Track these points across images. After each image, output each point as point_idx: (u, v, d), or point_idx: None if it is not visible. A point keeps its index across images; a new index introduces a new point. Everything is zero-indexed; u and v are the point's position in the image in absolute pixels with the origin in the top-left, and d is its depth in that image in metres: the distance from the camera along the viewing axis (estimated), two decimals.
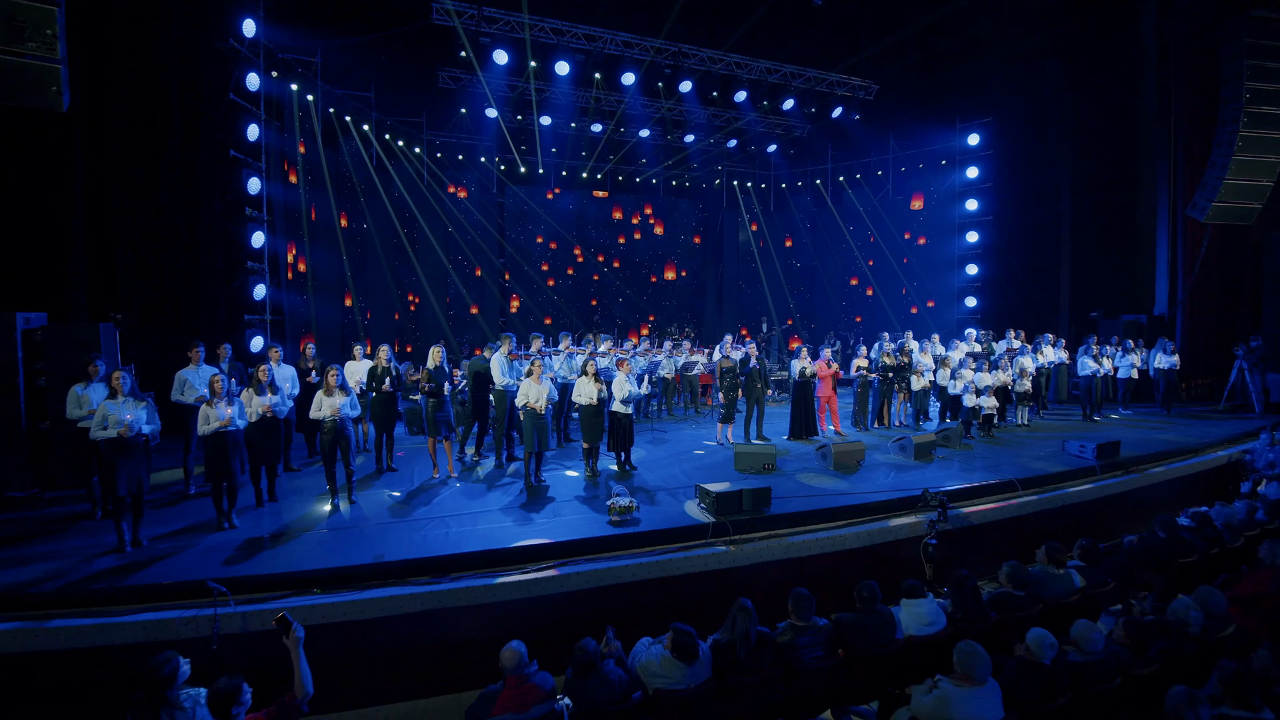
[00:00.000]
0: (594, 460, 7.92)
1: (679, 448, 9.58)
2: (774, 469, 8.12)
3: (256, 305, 11.45)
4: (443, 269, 17.12)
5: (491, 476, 7.98)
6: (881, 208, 19.42)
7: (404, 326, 17.12)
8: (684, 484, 7.55)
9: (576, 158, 18.83)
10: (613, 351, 11.09)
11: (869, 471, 8.33)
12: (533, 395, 7.34)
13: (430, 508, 6.75)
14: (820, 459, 8.51)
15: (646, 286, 20.71)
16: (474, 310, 17.78)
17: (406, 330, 17.05)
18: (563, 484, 7.58)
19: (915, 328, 18.79)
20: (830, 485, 7.66)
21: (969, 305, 18.15)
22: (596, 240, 20.07)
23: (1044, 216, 18.15)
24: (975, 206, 17.91)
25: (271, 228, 11.91)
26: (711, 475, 7.95)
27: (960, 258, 18.28)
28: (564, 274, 19.58)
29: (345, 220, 14.78)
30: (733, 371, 9.60)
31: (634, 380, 8.03)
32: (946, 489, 7.63)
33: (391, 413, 8.08)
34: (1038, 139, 17.52)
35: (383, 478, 7.91)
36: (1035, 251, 18.23)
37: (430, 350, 7.78)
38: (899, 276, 19.11)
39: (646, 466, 8.41)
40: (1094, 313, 16.80)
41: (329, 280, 13.68)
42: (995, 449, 9.75)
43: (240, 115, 11.13)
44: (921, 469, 8.53)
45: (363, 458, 8.58)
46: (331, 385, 6.72)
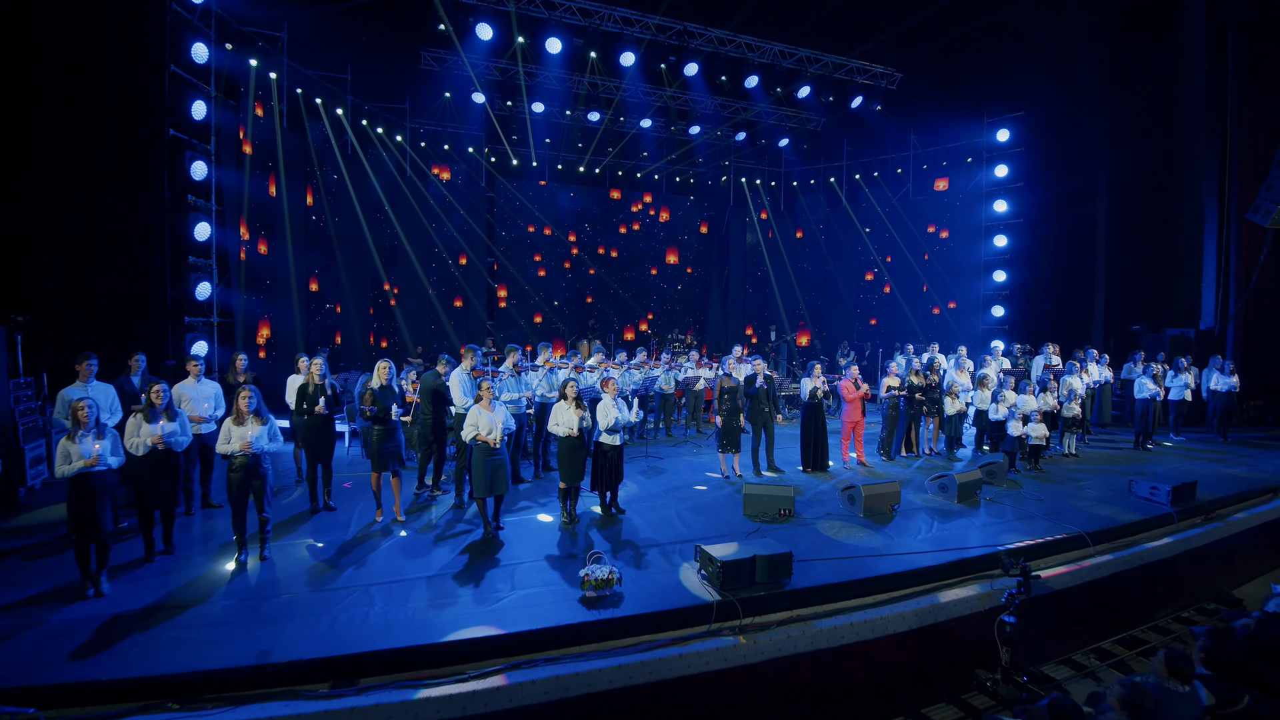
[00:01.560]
0: (572, 503, 6.51)
1: (677, 480, 8.17)
2: (791, 514, 6.70)
3: (201, 306, 10.08)
4: (425, 267, 15.75)
5: (446, 520, 6.56)
6: (901, 208, 17.99)
7: (380, 330, 15.73)
8: (681, 536, 6.13)
9: (572, 150, 17.45)
10: (603, 365, 9.68)
11: (906, 519, 6.90)
12: (483, 426, 5.93)
13: (359, 569, 5.34)
14: (847, 502, 7.08)
15: (645, 283, 19.29)
16: (458, 303, 16.38)
17: (382, 335, 15.66)
18: (530, 534, 6.17)
19: (938, 334, 17.39)
20: (862, 540, 6.23)
21: (996, 315, 16.69)
22: (592, 237, 18.68)
23: (1078, 219, 16.72)
24: (1004, 208, 16.47)
25: (220, 218, 10.54)
26: (714, 521, 6.53)
27: (987, 263, 16.83)
28: (557, 269, 18.18)
29: (313, 213, 13.41)
30: (734, 393, 8.17)
31: (622, 404, 6.62)
32: (1006, 545, 6.22)
33: (326, 439, 6.69)
34: (1073, 135, 16.07)
35: (314, 520, 6.50)
36: (1068, 257, 16.78)
37: (376, 366, 6.38)
38: (919, 276, 17.69)
39: (637, 507, 7.00)
40: (1136, 325, 15.35)
41: (291, 279, 12.31)
42: (1047, 487, 8.31)
43: (184, 91, 9.78)
44: (968, 515, 7.10)
45: (300, 490, 7.19)
46: (243, 411, 5.33)
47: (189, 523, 6.48)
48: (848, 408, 8.78)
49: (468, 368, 7.12)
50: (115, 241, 9.36)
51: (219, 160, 10.50)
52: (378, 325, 15.47)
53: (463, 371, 7.08)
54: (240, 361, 7.62)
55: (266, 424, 5.41)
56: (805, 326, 19.03)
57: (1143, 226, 16.09)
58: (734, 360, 8.99)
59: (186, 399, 6.62)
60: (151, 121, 9.61)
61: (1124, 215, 16.38)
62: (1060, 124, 16.14)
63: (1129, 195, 16.22)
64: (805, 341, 18.45)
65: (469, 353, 7.15)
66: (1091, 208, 16.83)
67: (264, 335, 12.09)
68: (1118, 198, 16.61)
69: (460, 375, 7.05)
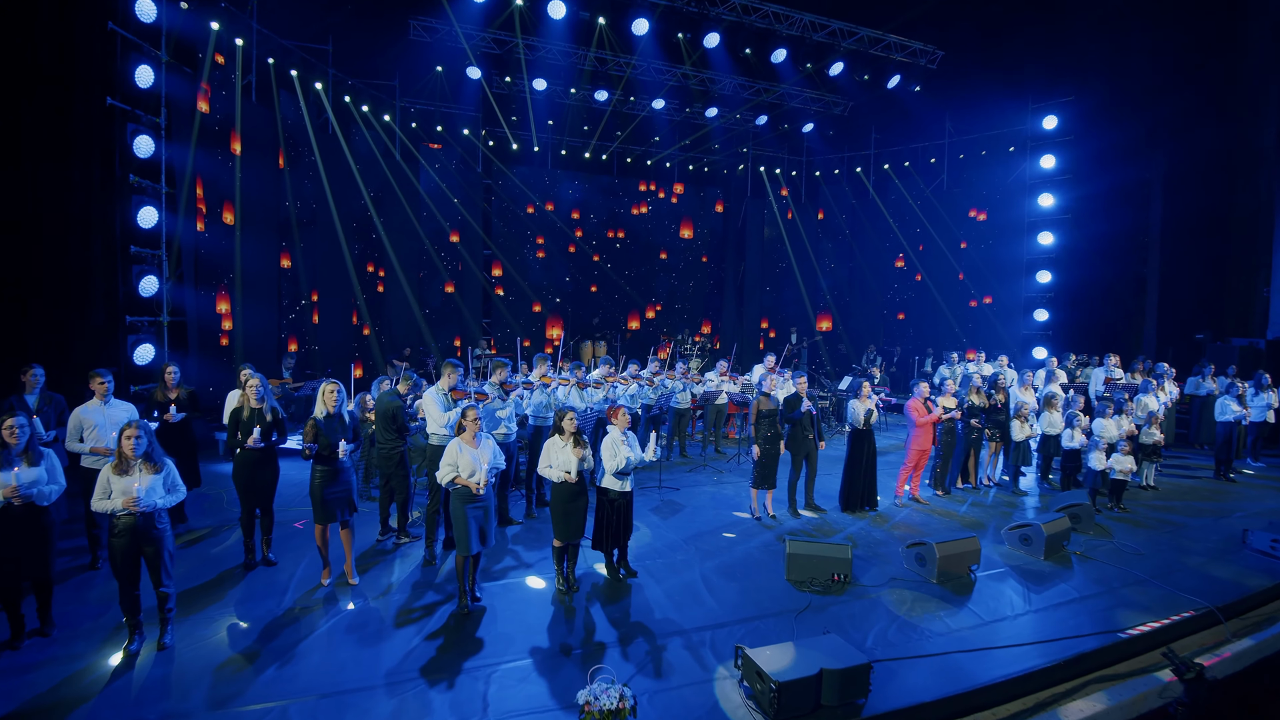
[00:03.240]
0: (569, 564, 5.14)
1: (698, 522, 6.79)
2: (848, 581, 5.32)
3: (146, 303, 8.71)
4: (415, 261, 14.38)
5: (412, 583, 5.20)
6: (937, 201, 16.51)
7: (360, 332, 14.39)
8: (712, 617, 4.75)
9: (577, 133, 16.01)
10: (610, 380, 8.29)
11: (989, 585, 5.52)
12: (464, 466, 4.57)
13: (284, 666, 3.98)
14: (914, 563, 5.69)
15: (653, 276, 17.88)
16: (449, 288, 14.96)
17: (368, 338, 14.30)
18: (516, 609, 4.79)
19: (977, 333, 15.92)
20: (944, 620, 4.85)
21: (1039, 320, 15.21)
22: (597, 227, 17.27)
23: (1130, 216, 15.23)
24: (1051, 203, 14.95)
25: (172, 203, 9.17)
26: (751, 590, 5.16)
27: (1030, 263, 15.34)
28: (559, 261, 16.77)
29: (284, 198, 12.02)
30: (772, 418, 6.79)
31: (634, 440, 5.24)
32: (1128, 629, 4.84)
33: (264, 478, 5.33)
34: (1126, 121, 14.55)
35: (246, 580, 5.14)
36: (1118, 258, 15.30)
37: (320, 390, 5.00)
38: (953, 267, 16.21)
39: (651, 565, 5.62)
40: (1200, 335, 13.88)
41: (259, 273, 10.94)
42: (1141, 535, 6.91)
43: (126, 53, 8.38)
44: (1062, 578, 5.71)
45: (236, 535, 5.84)
46: (126, 455, 3.97)
47: (91, 581, 5.14)
48: (916, 434, 7.38)
49: (446, 387, 5.76)
50: (45, 230, 8.02)
51: (170, 136, 9.11)
52: (359, 326, 14.13)
53: (439, 392, 5.72)
54: (170, 374, 6.26)
55: (161, 471, 4.05)
56: (828, 311, 17.50)
57: (1201, 224, 14.61)
58: (770, 375, 7.54)
59: (90, 427, 5.27)
60: (87, 89, 8.25)
61: (1180, 211, 14.90)
62: (1113, 110, 14.61)
63: (1187, 188, 14.74)
64: (827, 327, 16.93)
65: (449, 370, 5.77)
66: (1145, 203, 15.36)
67: (226, 338, 10.75)
68: (1175, 190, 15.13)
69: (437, 396, 5.69)
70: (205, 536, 6.04)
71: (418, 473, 7.08)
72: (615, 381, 8.40)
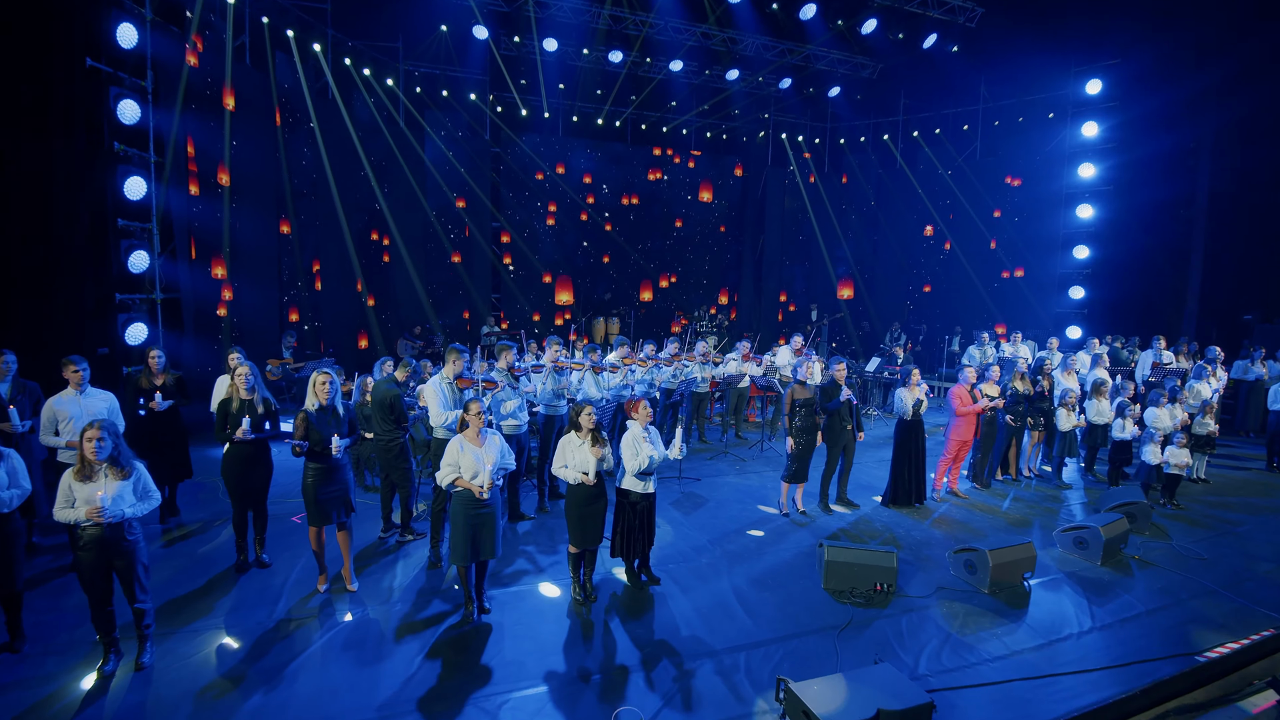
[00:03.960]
0: (586, 571, 4.70)
1: (723, 519, 6.33)
2: (893, 591, 4.85)
3: (137, 280, 8.26)
4: (420, 233, 13.81)
5: (417, 589, 4.78)
6: (969, 170, 15.64)
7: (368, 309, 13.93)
8: (746, 636, 4.30)
9: (590, 98, 15.21)
10: (628, 362, 7.78)
11: (1045, 594, 5.04)
12: (466, 467, 4.11)
13: (272, 692, 3.59)
14: (963, 570, 5.20)
15: (667, 247, 17.22)
16: (456, 258, 14.42)
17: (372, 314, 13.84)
18: (528, 622, 4.37)
19: (1009, 307, 15.16)
20: (1000, 637, 4.37)
21: (1074, 297, 14.42)
22: (611, 196, 16.58)
23: (1174, 186, 14.35)
24: (1092, 173, 14.04)
25: (161, 174, 8.64)
26: (787, 603, 4.70)
27: (1067, 237, 14.50)
28: (571, 231, 16.13)
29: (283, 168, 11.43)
30: (809, 406, 6.26)
31: (656, 436, 4.74)
32: (1205, 651, 4.35)
33: (257, 476, 4.91)
34: (1177, 84, 13.56)
35: (238, 586, 4.75)
36: (1160, 231, 14.47)
37: (311, 381, 4.52)
38: (984, 236, 15.43)
39: (675, 571, 5.18)
40: (1248, 315, 13.11)
41: (256, 247, 10.43)
42: (1199, 535, 6.39)
43: (106, 10, 7.78)
44: (1123, 587, 5.21)
45: (229, 532, 5.44)
46: (90, 460, 3.52)
47: (71, 585, 4.77)
48: (958, 424, 6.84)
49: (450, 375, 5.27)
50: (24, 203, 7.54)
51: (158, 101, 8.54)
52: (363, 300, 13.67)
53: (443, 381, 5.23)
54: (154, 359, 5.81)
55: (130, 476, 3.61)
56: (849, 278, 16.75)
57: (1249, 195, 13.73)
58: (805, 357, 6.91)
59: (65, 419, 4.86)
60: (67, 50, 7.67)
61: (1228, 182, 14.00)
62: (1162, 72, 13.61)
63: (1235, 156, 13.83)
64: (849, 294, 16.21)
65: (454, 357, 5.28)
66: (1191, 172, 14.45)
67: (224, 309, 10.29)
68: (1222, 159, 14.20)
69: (440, 386, 5.20)
70: (195, 532, 5.66)
71: (421, 464, 6.66)
72: (632, 364, 7.89)
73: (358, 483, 6.92)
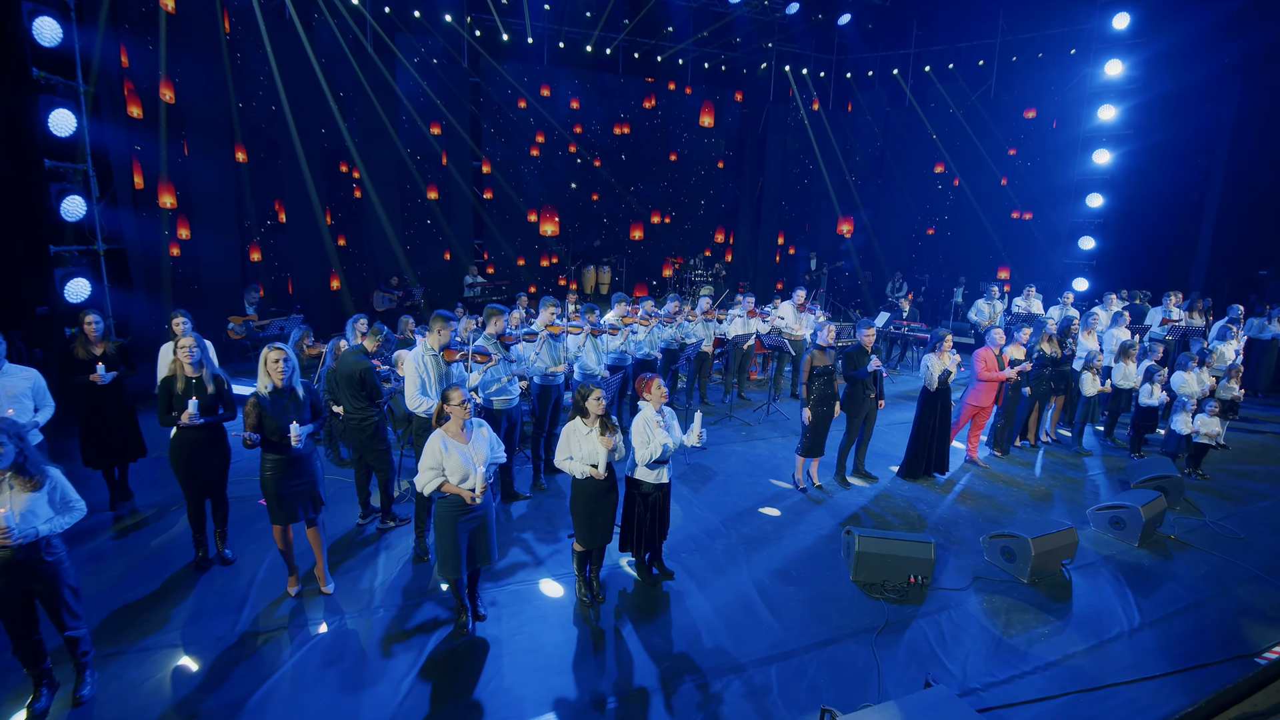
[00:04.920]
0: (593, 569, 4.21)
1: (734, 495, 5.86)
2: (930, 581, 4.45)
3: (74, 230, 7.32)
4: (394, 173, 12.70)
5: (401, 588, 4.27)
6: (982, 108, 14.71)
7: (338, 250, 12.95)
8: (776, 645, 3.86)
9: (578, 21, 13.83)
10: (627, 320, 7.12)
11: (1084, 581, 4.68)
12: (453, 469, 3.51)
13: None
14: (1000, 557, 4.80)
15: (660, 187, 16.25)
16: (432, 193, 13.42)
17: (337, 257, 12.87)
18: (530, 630, 3.89)
19: (1019, 251, 14.59)
20: (1048, 637, 4.00)
21: (1084, 248, 13.85)
22: (599, 131, 15.45)
23: (1196, 130, 13.61)
24: (1112, 116, 13.19)
25: (95, 105, 7.54)
26: (815, 600, 4.27)
27: (1080, 184, 13.80)
28: (557, 166, 15.05)
29: (238, 99, 10.22)
30: (829, 375, 5.71)
31: (672, 419, 4.17)
32: (1266, 649, 4.03)
33: (211, 464, 4.28)
34: (1210, 7, 12.60)
35: (197, 588, 4.19)
36: (1178, 178, 13.83)
37: (262, 359, 3.81)
38: (995, 174, 14.70)
39: (689, 562, 4.71)
40: (1264, 270, 12.68)
41: (211, 191, 9.36)
42: (1230, 510, 6.10)
43: None
44: (1165, 572, 4.88)
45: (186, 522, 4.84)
46: None
47: None
48: (977, 389, 6.36)
49: (436, 346, 4.57)
50: None
51: (83, 18, 7.34)
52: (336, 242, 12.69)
53: (426, 352, 4.54)
54: (91, 325, 5.04)
55: (43, 486, 2.96)
56: (850, 216, 15.94)
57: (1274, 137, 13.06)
58: (809, 312, 6.17)
59: None
60: None
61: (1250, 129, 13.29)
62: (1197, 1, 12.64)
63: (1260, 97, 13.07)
64: (848, 231, 15.45)
65: (439, 325, 4.55)
66: (1212, 118, 13.69)
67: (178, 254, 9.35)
68: (1247, 100, 13.44)
69: (422, 359, 4.51)
70: (151, 519, 5.06)
71: (401, 439, 6.05)
72: (633, 323, 7.24)
73: (332, 456, 6.31)
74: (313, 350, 6.36)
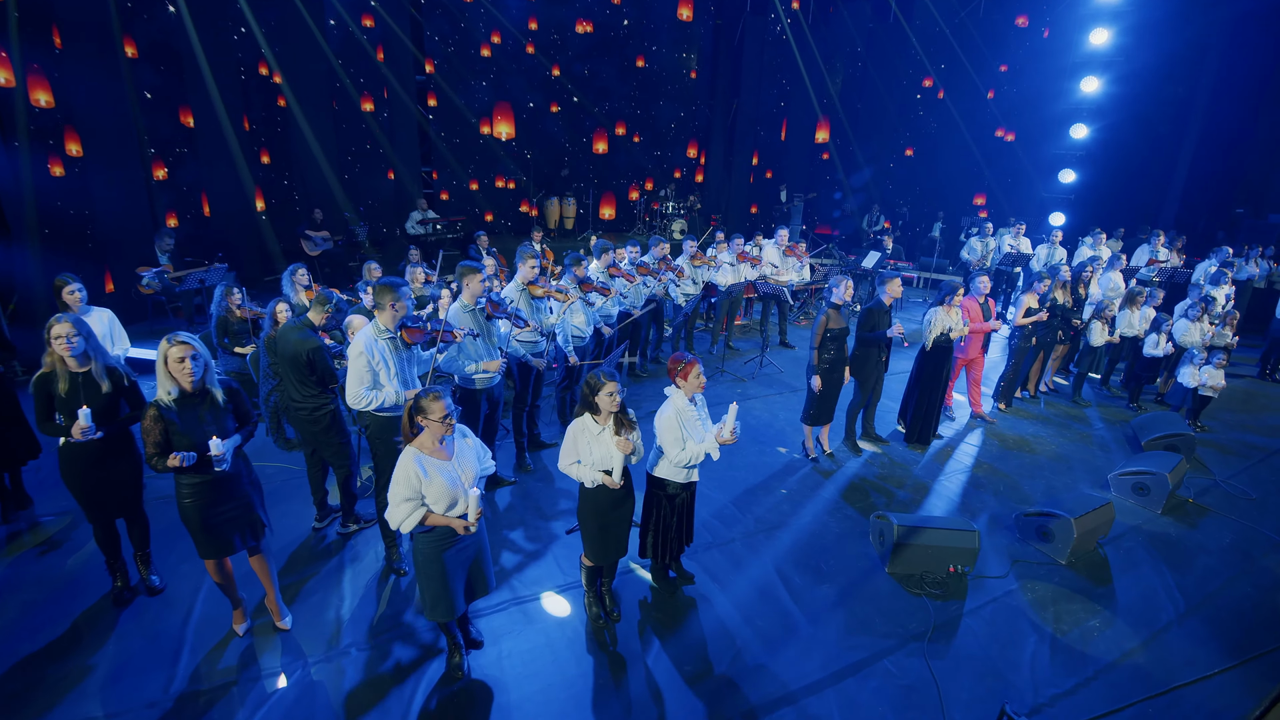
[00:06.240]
0: (605, 583, 3.62)
1: (741, 469, 5.33)
2: (970, 568, 4.08)
3: None
4: (325, 95, 10.98)
5: (372, 621, 3.58)
6: (972, 25, 13.76)
7: (263, 158, 11.33)
8: (816, 660, 3.41)
9: None
10: (612, 272, 6.28)
11: (1121, 561, 4.42)
12: (435, 495, 2.74)
13: None
14: (1036, 536, 4.47)
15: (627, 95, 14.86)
16: (367, 106, 11.85)
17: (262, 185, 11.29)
18: (538, 670, 3.29)
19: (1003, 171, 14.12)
20: (1100, 631, 3.70)
21: (1064, 181, 13.47)
22: (558, 38, 13.80)
23: (1181, 50, 13.06)
24: (1106, 40, 12.51)
25: None
26: (846, 590, 3.84)
27: (1065, 114, 13.25)
28: (514, 68, 13.46)
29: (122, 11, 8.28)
30: (841, 341, 5.13)
31: (702, 408, 3.51)
32: None
33: (116, 474, 3.39)
34: None
35: (117, 631, 3.39)
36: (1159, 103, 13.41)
37: (161, 353, 2.83)
38: (981, 97, 14.06)
39: (706, 562, 4.17)
40: (1239, 209, 12.60)
41: (100, 116, 7.64)
42: (1235, 464, 6.03)
43: None
44: (1194, 543, 4.69)
45: None
46: None
47: None
48: (967, 340, 5.96)
49: (391, 325, 3.61)
50: None
51: None
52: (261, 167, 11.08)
53: (379, 335, 3.57)
54: None
55: None
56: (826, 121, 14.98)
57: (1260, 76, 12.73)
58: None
59: None
60: None
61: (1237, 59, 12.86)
62: None
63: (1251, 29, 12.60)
64: (824, 137, 14.51)
65: (388, 295, 3.55)
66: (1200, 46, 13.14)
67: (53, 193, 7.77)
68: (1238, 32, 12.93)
69: (372, 343, 3.51)
70: (56, 536, 4.15)
71: None
72: (616, 274, 6.41)
73: (276, 438, 5.39)
74: (243, 314, 5.32)
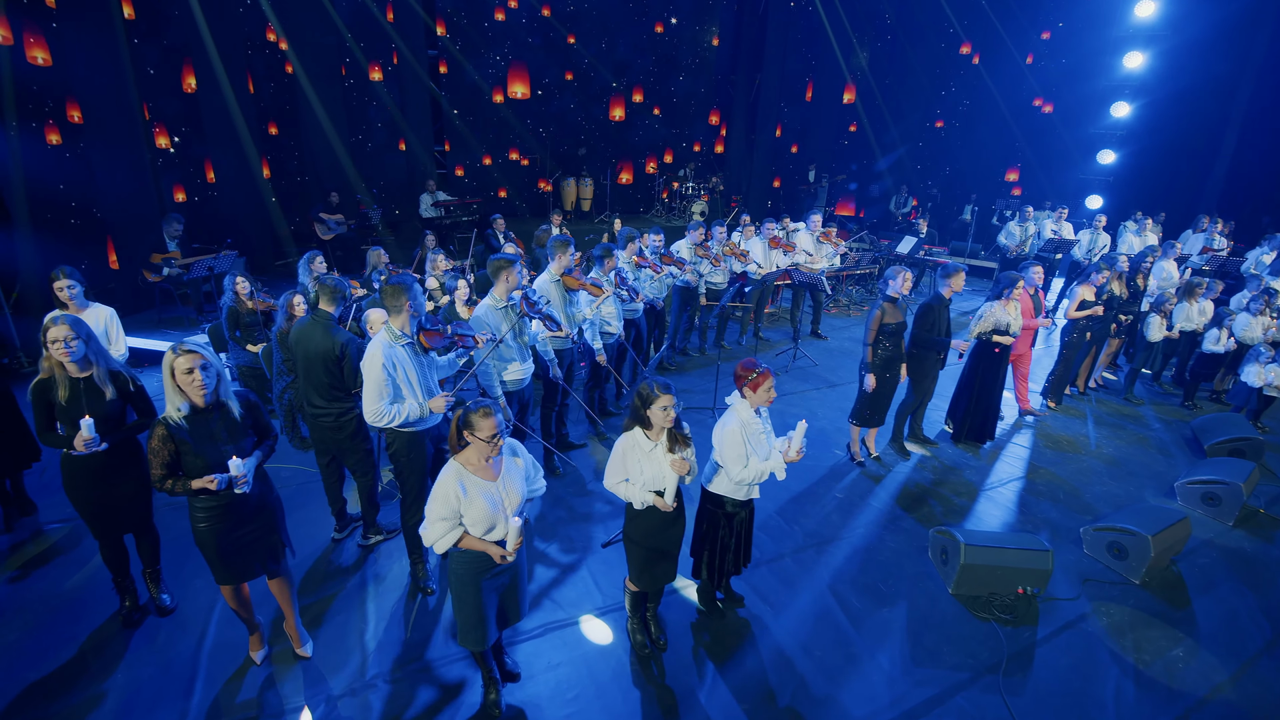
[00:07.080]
0: (651, 608, 3.34)
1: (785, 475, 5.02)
2: (1042, 590, 3.77)
3: None
4: (334, 64, 10.55)
5: (398, 648, 3.32)
6: None
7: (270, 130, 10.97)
8: (887, 698, 3.13)
9: None
10: (638, 261, 5.92)
11: (1196, 581, 4.10)
12: (475, 518, 2.45)
13: None
14: (1106, 552, 4.15)
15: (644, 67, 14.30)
16: (375, 76, 11.47)
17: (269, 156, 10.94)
18: (583, 703, 3.03)
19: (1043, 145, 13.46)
20: (1186, 662, 3.40)
21: (1103, 163, 12.91)
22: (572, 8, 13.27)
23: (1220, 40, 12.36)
24: (1151, 12, 11.85)
25: None
26: (913, 613, 3.56)
27: (1106, 92, 12.63)
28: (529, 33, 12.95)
29: None
30: (898, 337, 4.78)
31: (768, 423, 3.19)
32: None
33: (123, 487, 3.12)
34: None
35: (126, 659, 3.14)
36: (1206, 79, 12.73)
37: (167, 366, 2.50)
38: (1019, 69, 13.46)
39: (755, 581, 3.89)
40: None
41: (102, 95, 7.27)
42: None
43: None
44: (1272, 559, 4.35)
45: None
46: None
47: None
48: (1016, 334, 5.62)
49: (408, 328, 3.16)
50: None
51: None
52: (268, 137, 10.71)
53: (395, 341, 3.14)
54: None
55: None
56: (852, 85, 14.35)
57: None
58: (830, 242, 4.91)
59: None
60: None
61: None
62: None
63: None
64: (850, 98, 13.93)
65: (401, 296, 3.11)
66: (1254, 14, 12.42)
67: None
68: None
69: (390, 351, 3.11)
70: (60, 546, 3.90)
71: None
72: (642, 263, 6.05)
73: (292, 438, 5.07)
74: (254, 304, 5.02)
